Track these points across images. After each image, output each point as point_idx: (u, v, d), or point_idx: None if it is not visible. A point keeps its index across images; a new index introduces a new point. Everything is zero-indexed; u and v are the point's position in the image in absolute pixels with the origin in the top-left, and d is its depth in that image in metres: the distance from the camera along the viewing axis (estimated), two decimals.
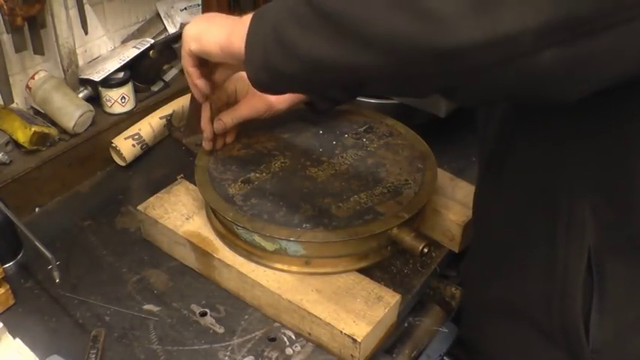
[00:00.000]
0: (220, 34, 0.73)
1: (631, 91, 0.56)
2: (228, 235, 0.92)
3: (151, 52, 1.25)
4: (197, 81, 0.83)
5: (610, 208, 0.64)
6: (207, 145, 0.98)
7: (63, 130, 1.14)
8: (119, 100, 1.21)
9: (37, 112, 1.17)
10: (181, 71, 1.34)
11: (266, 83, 0.67)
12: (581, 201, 0.65)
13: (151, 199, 1.00)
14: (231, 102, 0.97)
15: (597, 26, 0.47)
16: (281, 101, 0.98)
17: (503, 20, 0.47)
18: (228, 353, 0.85)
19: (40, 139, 1.09)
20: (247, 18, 0.66)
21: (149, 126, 1.22)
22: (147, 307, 0.92)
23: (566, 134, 0.65)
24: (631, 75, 0.51)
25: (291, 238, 0.86)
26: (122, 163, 1.20)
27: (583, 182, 0.65)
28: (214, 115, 0.95)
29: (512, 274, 0.76)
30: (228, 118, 0.96)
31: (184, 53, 0.80)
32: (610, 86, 0.52)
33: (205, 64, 0.83)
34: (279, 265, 0.89)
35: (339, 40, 0.54)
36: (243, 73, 0.73)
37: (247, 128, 1.02)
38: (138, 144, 1.20)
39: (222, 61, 0.77)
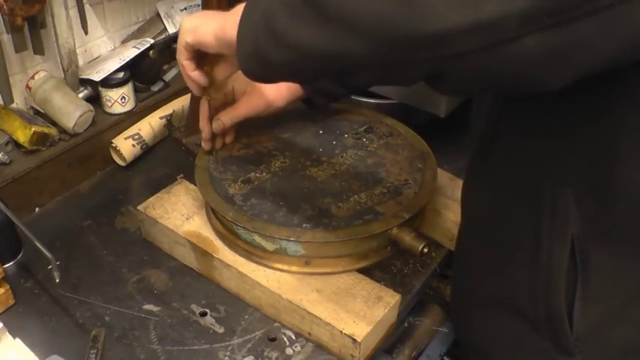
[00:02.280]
0: (215, 24, 0.74)
1: (612, 82, 0.57)
2: (228, 235, 0.92)
3: (151, 52, 1.25)
4: (191, 73, 0.83)
5: (593, 197, 0.64)
6: (206, 145, 0.98)
7: (63, 130, 1.14)
8: (119, 100, 1.21)
9: (37, 112, 1.17)
10: None
11: (257, 72, 0.67)
12: (564, 190, 0.65)
13: (151, 199, 1.00)
14: (229, 101, 0.97)
15: (579, 12, 0.47)
16: (279, 99, 0.98)
17: (486, 5, 0.47)
18: (228, 353, 0.85)
19: (40, 139, 1.09)
20: (242, 7, 0.67)
21: (149, 126, 1.22)
22: (147, 307, 0.92)
23: (549, 125, 0.65)
24: (612, 62, 0.52)
25: (291, 238, 0.86)
26: (122, 163, 1.20)
27: (566, 171, 0.65)
28: (213, 114, 0.95)
29: (500, 265, 0.77)
30: (227, 118, 0.96)
31: (180, 46, 0.80)
32: (592, 74, 0.53)
33: (202, 59, 0.82)
34: (279, 265, 0.89)
35: (325, 27, 0.55)
36: (241, 73, 0.73)
37: (247, 128, 1.02)
38: (138, 144, 1.20)
39: (218, 52, 0.77)
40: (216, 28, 0.74)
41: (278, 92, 0.98)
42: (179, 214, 0.97)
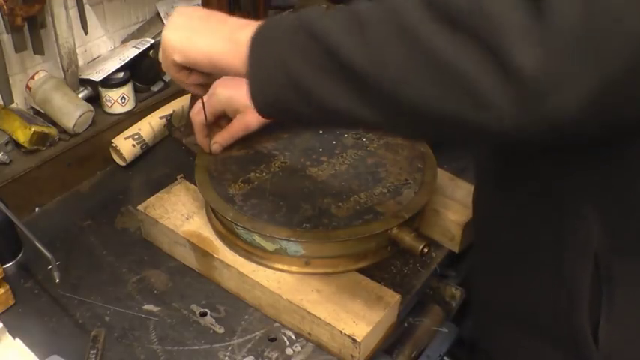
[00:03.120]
0: (210, 45, 0.70)
1: None
2: (228, 235, 0.92)
3: (151, 52, 1.25)
4: (188, 80, 0.79)
5: (616, 212, 0.63)
6: (205, 146, 0.99)
7: (63, 130, 1.14)
8: (119, 100, 1.21)
9: (37, 112, 1.17)
10: None
11: (274, 116, 0.67)
12: (586, 204, 0.64)
13: (151, 199, 1.00)
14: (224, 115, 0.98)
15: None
16: None
17: (549, 107, 0.46)
18: (228, 353, 0.85)
19: (40, 139, 1.09)
20: (242, 35, 0.64)
21: (149, 126, 1.22)
22: (147, 307, 0.92)
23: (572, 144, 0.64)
24: None
25: (291, 238, 0.86)
26: (122, 163, 1.20)
27: (588, 186, 0.64)
28: (210, 127, 0.96)
29: (519, 279, 0.75)
30: (224, 139, 0.97)
31: (167, 63, 0.75)
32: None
33: None
34: (279, 265, 0.89)
35: (366, 100, 0.52)
36: (233, 96, 0.70)
37: None
38: (138, 144, 1.20)
39: (209, 72, 0.74)
40: (213, 51, 0.69)
41: None
42: (179, 214, 0.97)
